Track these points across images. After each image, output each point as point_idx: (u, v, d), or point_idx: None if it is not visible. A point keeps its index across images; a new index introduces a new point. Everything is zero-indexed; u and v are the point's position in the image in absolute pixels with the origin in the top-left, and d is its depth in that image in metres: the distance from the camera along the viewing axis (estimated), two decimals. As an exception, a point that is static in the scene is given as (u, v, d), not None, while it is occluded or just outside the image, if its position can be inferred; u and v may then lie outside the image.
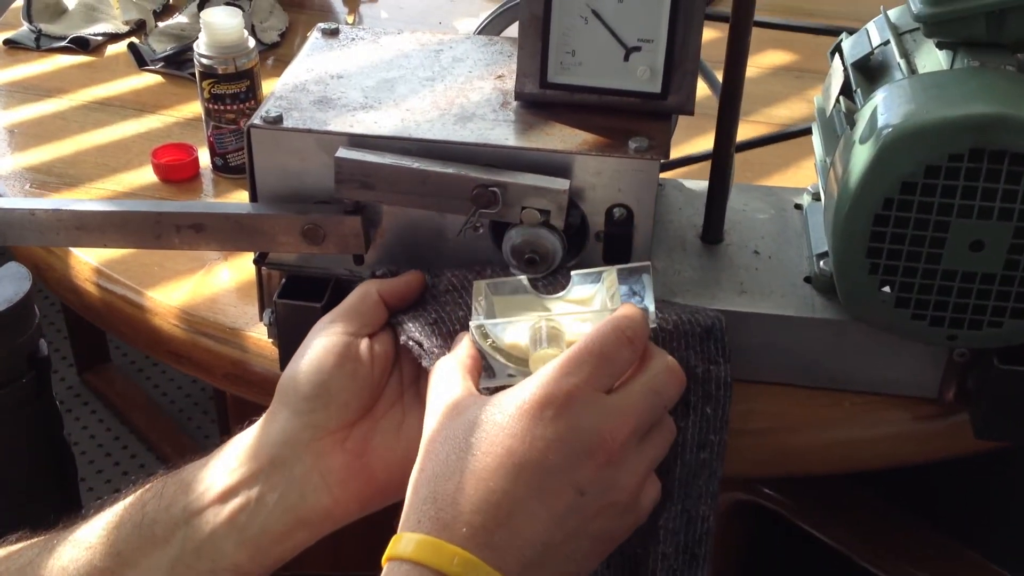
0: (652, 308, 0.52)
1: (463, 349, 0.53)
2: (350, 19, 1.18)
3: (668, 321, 0.55)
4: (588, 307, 0.54)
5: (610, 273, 0.54)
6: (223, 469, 0.54)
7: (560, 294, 0.56)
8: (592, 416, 0.47)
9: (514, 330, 0.53)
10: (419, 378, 0.58)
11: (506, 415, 0.47)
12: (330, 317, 0.57)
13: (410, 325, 0.57)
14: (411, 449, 0.54)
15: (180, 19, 1.11)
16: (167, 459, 1.48)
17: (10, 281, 0.67)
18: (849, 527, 0.79)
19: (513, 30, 0.80)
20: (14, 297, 0.66)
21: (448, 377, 0.52)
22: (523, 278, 0.56)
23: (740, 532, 0.82)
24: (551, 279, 0.58)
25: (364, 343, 0.56)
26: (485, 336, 0.53)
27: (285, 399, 0.55)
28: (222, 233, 0.64)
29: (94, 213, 0.64)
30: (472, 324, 0.53)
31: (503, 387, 0.51)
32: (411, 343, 0.57)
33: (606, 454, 0.46)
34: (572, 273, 0.56)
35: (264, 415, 0.55)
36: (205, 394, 1.60)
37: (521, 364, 0.52)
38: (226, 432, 1.30)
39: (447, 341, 0.56)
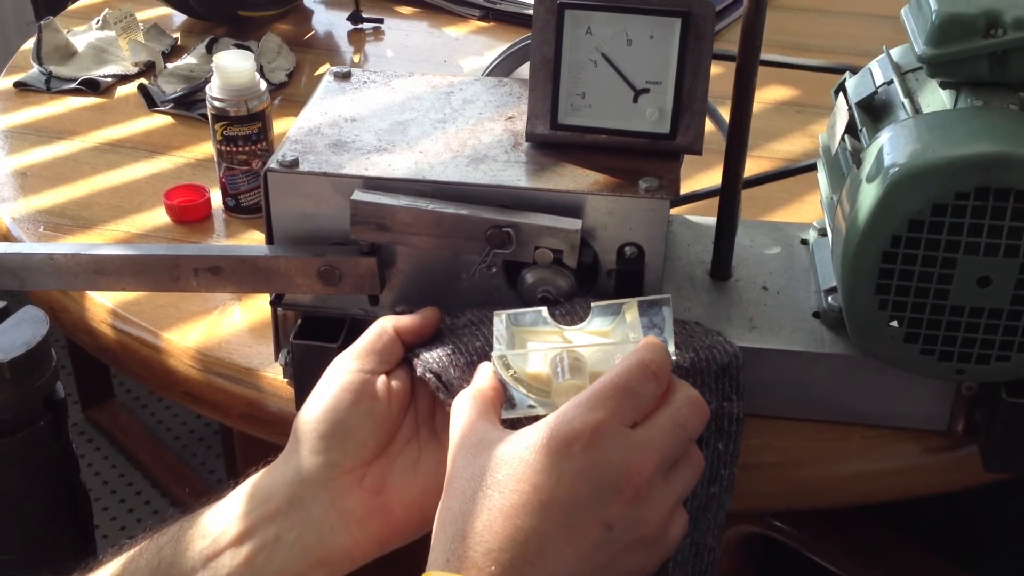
0: (672, 340, 0.52)
1: (484, 380, 0.53)
2: (356, 58, 1.20)
3: (685, 359, 0.56)
4: (608, 339, 0.55)
5: (631, 305, 0.54)
6: (239, 511, 0.54)
7: (580, 325, 0.56)
8: (618, 451, 0.47)
9: (536, 360, 0.53)
10: (434, 413, 0.58)
11: (532, 450, 0.47)
12: (347, 355, 0.57)
13: (427, 356, 0.58)
14: (428, 486, 0.54)
15: (189, 60, 1.13)
16: (173, 496, 1.48)
17: (27, 325, 0.67)
18: (860, 559, 0.79)
19: (521, 71, 0.81)
20: (32, 341, 0.66)
21: (471, 411, 0.52)
22: (543, 310, 0.57)
23: (751, 564, 0.82)
24: (570, 310, 0.59)
25: (381, 380, 0.56)
26: (507, 366, 0.53)
27: (301, 438, 0.55)
28: (239, 275, 0.65)
29: (112, 257, 0.65)
30: (494, 354, 0.54)
31: (525, 418, 0.51)
32: (428, 375, 0.57)
33: (633, 489, 0.46)
34: (592, 304, 0.56)
35: (280, 455, 0.55)
36: (210, 430, 1.60)
37: (543, 395, 0.52)
38: (232, 469, 1.31)
39: (465, 372, 0.56)
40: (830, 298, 0.63)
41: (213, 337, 0.73)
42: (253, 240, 0.84)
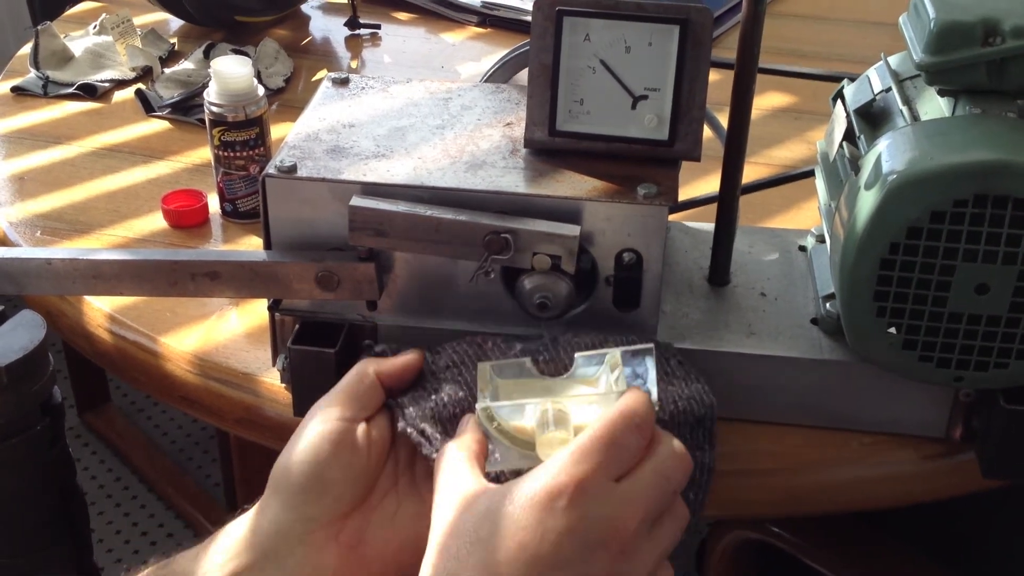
0: (655, 391, 0.52)
1: (469, 434, 0.53)
2: (353, 64, 1.20)
3: (665, 411, 0.55)
4: (593, 388, 0.54)
5: (613, 355, 0.54)
6: (215, 561, 0.52)
7: (564, 376, 0.56)
8: (603, 506, 0.46)
9: (520, 413, 0.52)
10: (414, 463, 0.57)
11: (517, 507, 0.46)
12: (326, 401, 0.56)
13: (410, 410, 0.57)
14: (407, 539, 0.53)
15: (186, 65, 1.13)
16: (169, 500, 1.48)
17: (24, 329, 0.67)
18: (856, 565, 0.79)
19: (519, 77, 0.82)
20: (29, 345, 0.66)
21: (456, 467, 0.51)
22: (527, 360, 0.56)
23: (747, 570, 0.82)
24: (554, 358, 0.58)
25: (361, 429, 0.55)
26: (491, 419, 0.53)
27: (278, 489, 0.53)
28: (237, 280, 0.65)
29: (110, 262, 0.65)
30: (478, 407, 0.53)
31: (509, 471, 0.50)
32: (410, 430, 0.56)
33: (619, 544, 0.46)
34: (576, 355, 0.56)
35: (257, 503, 0.54)
36: (206, 434, 1.60)
37: (527, 448, 0.52)
38: (229, 474, 1.31)
39: (448, 426, 0.56)
40: (828, 304, 0.63)
41: (210, 342, 0.73)
42: (251, 245, 0.84)
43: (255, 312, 0.76)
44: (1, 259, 0.66)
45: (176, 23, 1.24)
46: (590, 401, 0.52)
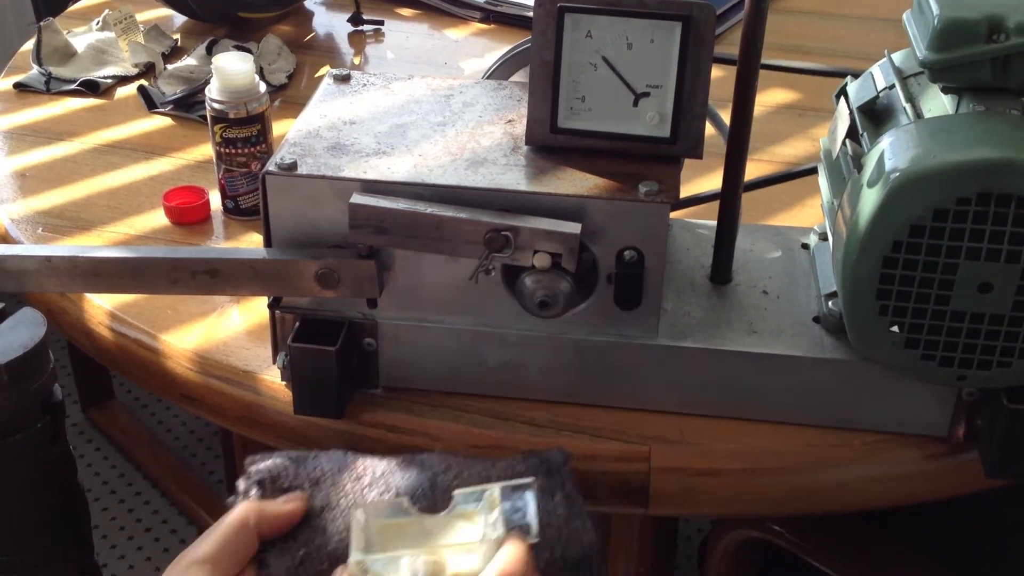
0: (535, 525, 0.51)
1: None
2: (356, 60, 1.20)
3: (540, 559, 0.53)
4: (472, 524, 0.52)
5: (492, 492, 0.52)
6: None
7: (443, 512, 0.54)
8: None
9: (396, 566, 0.51)
10: None
11: None
12: (199, 554, 0.52)
13: (276, 564, 0.54)
14: None
15: (189, 61, 1.13)
16: (173, 497, 1.48)
17: (25, 327, 0.67)
18: (858, 565, 0.79)
19: (521, 74, 0.81)
20: (29, 343, 0.66)
21: None
22: (404, 500, 0.54)
23: (748, 569, 0.82)
24: (432, 499, 0.55)
25: None
26: (365, 572, 0.51)
27: None
28: (237, 278, 0.65)
29: (110, 260, 0.65)
30: (352, 560, 0.51)
31: None
32: None
33: None
34: (454, 492, 0.54)
35: None
36: (210, 430, 1.60)
37: None
38: (232, 470, 1.30)
39: None
40: (830, 303, 0.62)
41: (211, 339, 0.73)
42: (252, 242, 0.84)
43: (256, 310, 0.76)
44: (1, 256, 0.66)
45: (179, 19, 1.24)
46: (468, 549, 0.51)
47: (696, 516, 0.77)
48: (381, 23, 1.25)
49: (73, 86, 1.09)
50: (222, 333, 0.73)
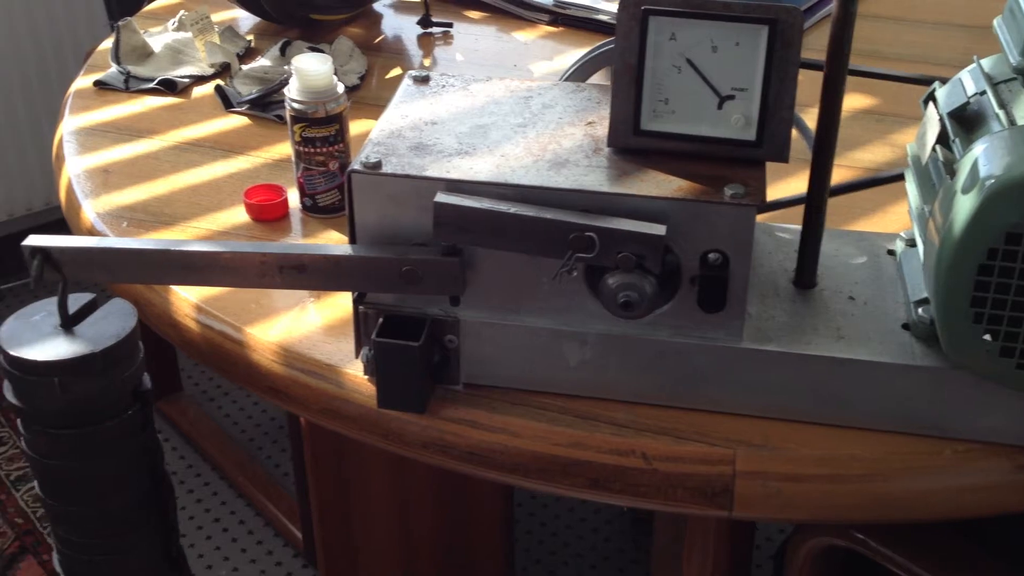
0: None
1: None
2: (426, 62, 1.21)
3: None
4: None
5: None
6: None
7: None
8: None
9: None
10: None
11: None
12: None
13: None
14: None
15: (263, 62, 1.15)
16: (240, 488, 1.50)
17: (117, 317, 0.69)
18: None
19: (599, 76, 0.82)
20: (121, 333, 0.68)
21: None
22: None
23: (830, 574, 0.81)
24: None
25: None
26: None
27: None
28: (323, 273, 0.66)
29: (201, 253, 0.66)
30: None
31: None
32: None
33: None
34: None
35: None
36: (275, 424, 1.62)
37: None
38: (300, 465, 1.32)
39: None
40: (920, 310, 0.62)
41: (294, 333, 0.74)
42: (330, 239, 0.85)
43: (337, 305, 0.77)
44: (96, 248, 0.68)
45: (252, 20, 1.26)
46: None
47: (780, 521, 0.77)
48: (450, 25, 1.26)
49: (151, 85, 1.12)
50: (304, 328, 0.75)
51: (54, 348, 0.66)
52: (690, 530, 0.80)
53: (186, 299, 0.78)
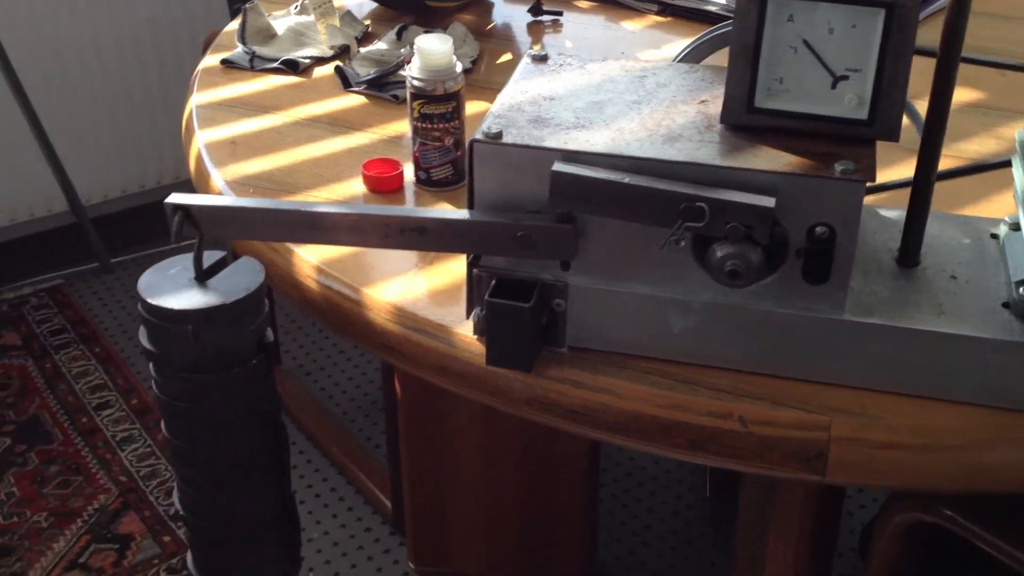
0: None
1: None
2: (536, 48, 1.24)
3: None
4: None
5: None
6: None
7: None
8: None
9: None
10: None
11: None
12: None
13: None
14: None
15: (380, 45, 1.20)
16: (333, 458, 1.56)
17: (246, 273, 0.74)
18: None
19: (712, 59, 0.84)
20: (250, 287, 0.73)
21: None
22: None
23: (916, 552, 0.81)
24: None
25: None
26: None
27: None
28: (442, 236, 0.70)
29: (330, 215, 0.71)
30: None
31: None
32: None
33: None
34: None
35: None
36: (368, 399, 1.68)
37: None
38: (393, 437, 1.37)
39: None
40: (1021, 289, 0.63)
41: (408, 295, 0.78)
42: (442, 211, 0.89)
43: (448, 271, 0.81)
44: (234, 207, 0.73)
45: (369, 6, 1.32)
46: None
47: (873, 485, 0.78)
48: (560, 14, 1.30)
49: (275, 64, 1.18)
50: (417, 291, 0.79)
51: (189, 298, 0.71)
52: (780, 501, 0.82)
53: (307, 261, 0.83)
